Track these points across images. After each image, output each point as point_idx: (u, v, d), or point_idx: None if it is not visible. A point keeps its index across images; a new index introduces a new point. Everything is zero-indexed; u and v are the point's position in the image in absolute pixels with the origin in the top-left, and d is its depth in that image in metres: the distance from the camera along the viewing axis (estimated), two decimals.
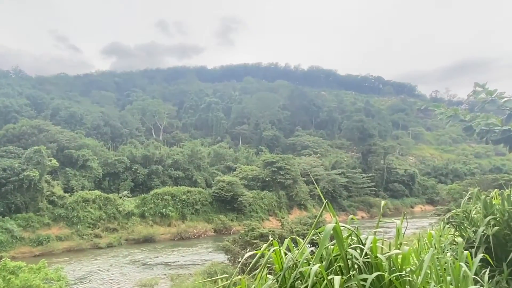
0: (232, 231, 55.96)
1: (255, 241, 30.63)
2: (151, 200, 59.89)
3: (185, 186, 66.32)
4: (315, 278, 2.67)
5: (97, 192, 57.64)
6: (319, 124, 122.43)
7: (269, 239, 3.09)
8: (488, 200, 5.70)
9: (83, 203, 54.13)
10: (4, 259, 19.02)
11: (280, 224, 53.99)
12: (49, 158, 53.90)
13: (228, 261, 33.00)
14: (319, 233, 2.84)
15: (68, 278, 20.29)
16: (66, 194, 55.25)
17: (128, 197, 61.90)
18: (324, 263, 2.79)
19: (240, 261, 31.03)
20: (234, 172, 74.19)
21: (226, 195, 63.80)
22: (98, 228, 52.97)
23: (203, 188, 67.82)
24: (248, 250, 31.49)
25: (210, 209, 63.89)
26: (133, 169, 67.89)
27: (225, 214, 63.64)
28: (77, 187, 59.31)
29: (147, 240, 53.58)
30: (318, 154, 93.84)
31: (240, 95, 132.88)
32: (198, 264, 39.43)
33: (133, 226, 55.70)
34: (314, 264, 2.66)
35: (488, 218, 5.18)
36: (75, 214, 52.49)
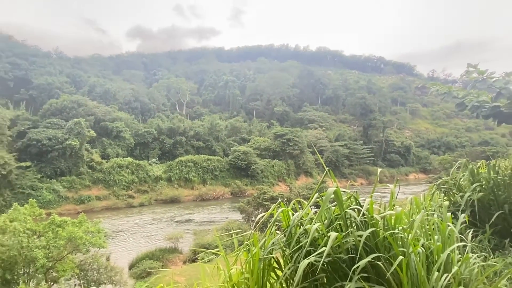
0: (246, 194, 56.72)
1: (266, 202, 31.15)
2: (176, 167, 60.86)
3: (205, 154, 66.94)
4: (317, 234, 2.73)
5: (130, 159, 58.68)
6: (324, 101, 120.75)
7: (278, 201, 3.13)
8: (475, 169, 5.65)
9: (118, 168, 55.33)
10: (52, 215, 19.78)
11: (288, 188, 54.70)
12: (88, 129, 54.72)
13: (242, 220, 33.70)
14: (321, 196, 2.87)
15: (106, 231, 21.03)
16: (103, 161, 56.37)
17: (156, 163, 62.87)
18: (325, 221, 2.83)
19: (253, 220, 31.66)
20: (248, 143, 74.34)
21: (241, 163, 64.38)
22: (131, 190, 54.31)
23: (221, 157, 68.37)
24: (260, 211, 32.05)
25: (227, 175, 64.65)
26: (160, 140, 68.59)
27: (240, 179, 64.35)
28: (112, 155, 60.30)
29: (173, 201, 54.79)
30: (323, 128, 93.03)
31: (254, 74, 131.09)
32: (217, 222, 40.27)
33: (161, 189, 56.93)
34: (316, 222, 2.71)
35: (474, 185, 5.16)
36: (111, 178, 53.76)
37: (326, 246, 2.41)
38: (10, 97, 76.56)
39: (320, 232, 2.68)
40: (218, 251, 3.28)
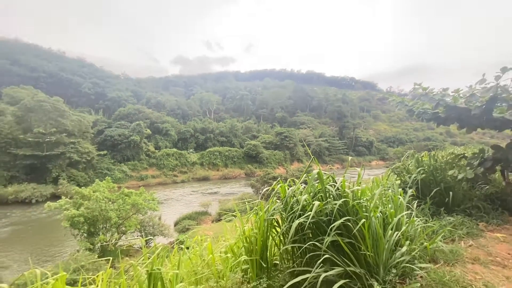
0: (255, 175, 56.74)
1: (270, 180, 31.11)
2: (207, 155, 61.13)
3: (227, 147, 67.03)
4: (305, 202, 2.73)
5: (174, 149, 59.07)
6: (311, 109, 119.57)
7: (278, 179, 3.13)
8: (420, 158, 5.55)
9: (166, 156, 55.79)
10: (122, 188, 20.10)
11: (285, 171, 54.59)
12: (145, 129, 55.25)
13: (253, 192, 33.75)
14: (308, 176, 2.86)
15: (158, 199, 21.25)
16: (156, 151, 56.87)
17: (193, 153, 63.27)
18: (311, 194, 2.83)
19: (260, 192, 31.69)
20: (257, 139, 74.20)
21: (252, 152, 64.35)
22: (175, 171, 54.75)
23: (238, 148, 68.42)
24: (265, 186, 32.01)
25: (242, 161, 64.75)
26: (195, 136, 68.87)
27: (252, 164, 64.40)
28: (162, 146, 60.80)
29: (205, 179, 55.13)
30: (311, 128, 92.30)
31: (261, 90, 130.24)
32: (235, 194, 40.36)
33: (196, 170, 57.29)
34: (304, 194, 2.71)
35: (419, 169, 5.08)
36: (162, 162, 54.27)
37: (311, 211, 2.41)
38: (92, 106, 77.79)
39: (307, 201, 2.68)
40: (235, 214, 3.30)
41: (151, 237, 17.86)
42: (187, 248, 3.26)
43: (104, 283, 2.25)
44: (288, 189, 2.89)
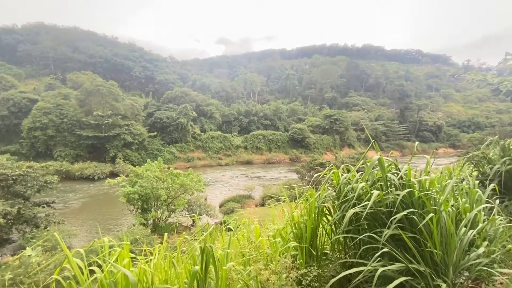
0: (301, 160, 56.25)
1: (317, 167, 30.53)
2: (251, 138, 62.42)
3: (271, 130, 67.34)
4: (361, 191, 2.64)
5: (219, 132, 61.59)
6: (367, 88, 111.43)
7: (326, 166, 3.07)
8: (506, 145, 4.82)
9: (211, 139, 58.57)
10: (171, 168, 21.94)
11: (334, 157, 52.83)
12: (191, 111, 58.42)
13: (298, 178, 33.64)
14: (366, 162, 2.74)
15: (204, 181, 22.68)
16: (202, 133, 60.05)
17: (237, 136, 65.12)
18: (369, 182, 2.71)
19: (306, 179, 31.45)
20: (303, 122, 72.84)
21: (298, 137, 63.57)
22: (220, 154, 57.34)
23: (282, 132, 68.23)
24: (311, 173, 31.61)
25: (287, 145, 64.55)
26: (239, 119, 70.51)
27: (297, 149, 63.83)
28: (208, 129, 63.80)
29: (248, 163, 56.70)
30: (365, 110, 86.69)
31: (309, 68, 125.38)
32: (279, 179, 40.77)
33: (240, 154, 59.15)
34: (361, 182, 2.61)
35: (504, 158, 4.43)
36: (207, 145, 57.24)
37: (369, 201, 2.32)
38: (142, 89, 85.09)
39: (364, 190, 2.58)
40: (282, 199, 3.36)
41: (200, 216, 19.30)
42: (232, 230, 3.46)
43: (161, 256, 2.54)
44: (342, 176, 2.81)
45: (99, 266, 2.21)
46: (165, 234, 2.84)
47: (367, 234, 2.39)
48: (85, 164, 41.20)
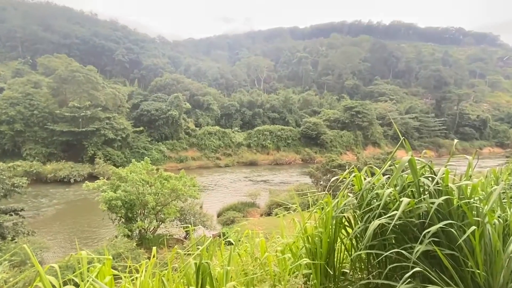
0: (315, 161, 56.16)
1: (334, 169, 30.51)
2: (255, 135, 62.55)
3: (280, 125, 67.36)
4: (388, 199, 2.62)
5: (217, 127, 61.85)
6: (396, 74, 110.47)
7: (345, 169, 3.07)
8: None
9: (208, 135, 58.83)
10: (160, 170, 22.11)
11: (355, 157, 52.63)
12: (185, 102, 58.73)
13: (312, 183, 33.64)
14: (394, 164, 2.71)
15: (199, 185, 22.81)
16: (197, 128, 60.40)
17: (238, 131, 65.28)
18: (397, 188, 2.69)
19: (321, 183, 31.42)
20: (319, 115, 72.64)
21: (312, 133, 63.49)
22: (218, 153, 57.62)
23: (293, 127, 68.20)
24: (328, 176, 31.58)
25: (298, 143, 64.52)
26: (241, 111, 70.67)
27: (310, 147, 63.76)
28: (204, 123, 64.15)
29: (252, 164, 56.87)
30: (394, 101, 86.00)
31: (326, 50, 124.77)
32: (289, 183, 40.83)
33: (242, 153, 59.35)
34: (388, 188, 2.59)
35: None
36: (203, 142, 57.53)
37: (397, 210, 2.31)
38: (127, 76, 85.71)
39: (392, 197, 2.56)
40: (293, 207, 3.36)
41: (194, 227, 19.43)
42: (233, 243, 3.48)
43: (149, 273, 2.56)
44: (365, 180, 2.79)
45: (76, 285, 2.24)
46: (154, 248, 2.87)
47: (395, 250, 2.38)
48: (59, 164, 41.78)
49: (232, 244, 3.41)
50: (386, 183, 2.70)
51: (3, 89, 47.96)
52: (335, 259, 2.83)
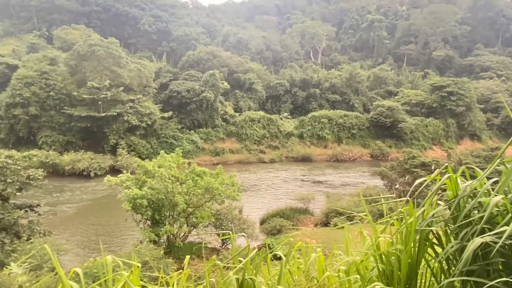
0: (389, 158, 54.60)
1: (415, 169, 29.23)
2: (309, 122, 62.11)
3: (342, 110, 66.21)
4: (495, 210, 2.47)
5: (261, 112, 62.42)
6: (507, 41, 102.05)
7: (430, 169, 2.93)
8: None
9: (250, 122, 59.68)
10: (192, 164, 22.96)
11: (446, 154, 50.09)
12: (222, 81, 59.85)
13: (384, 186, 32.70)
14: (504, 163, 2.55)
15: (239, 184, 23.26)
16: (236, 113, 61.44)
17: (288, 118, 65.24)
18: (508, 196, 2.53)
19: (397, 187, 30.40)
20: (395, 97, 70.00)
21: (385, 120, 61.36)
22: (262, 145, 58.27)
23: (360, 113, 66.58)
24: (406, 178, 30.45)
25: (367, 134, 62.95)
26: (292, 92, 70.40)
27: (383, 140, 61.89)
28: (245, 108, 65.04)
29: (305, 159, 56.69)
30: (503, 78, 79.83)
31: (407, 9, 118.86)
32: (352, 186, 40.19)
33: (292, 146, 59.36)
34: (496, 195, 2.45)
35: None
36: (244, 131, 58.50)
37: (507, 226, 2.18)
38: (154, 50, 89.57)
39: (501, 208, 2.42)
40: (360, 215, 3.30)
41: (236, 235, 19.99)
42: (282, 258, 3.53)
43: (181, 287, 2.70)
44: (463, 184, 2.66)
45: None
46: (187, 257, 3.02)
47: (503, 279, 2.26)
48: (78, 154, 45.38)
49: (280, 258, 3.46)
50: (492, 189, 2.57)
51: (18, 67, 52.84)
52: (418, 286, 2.76)
